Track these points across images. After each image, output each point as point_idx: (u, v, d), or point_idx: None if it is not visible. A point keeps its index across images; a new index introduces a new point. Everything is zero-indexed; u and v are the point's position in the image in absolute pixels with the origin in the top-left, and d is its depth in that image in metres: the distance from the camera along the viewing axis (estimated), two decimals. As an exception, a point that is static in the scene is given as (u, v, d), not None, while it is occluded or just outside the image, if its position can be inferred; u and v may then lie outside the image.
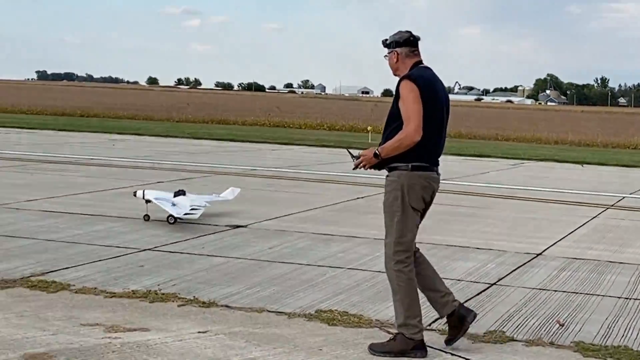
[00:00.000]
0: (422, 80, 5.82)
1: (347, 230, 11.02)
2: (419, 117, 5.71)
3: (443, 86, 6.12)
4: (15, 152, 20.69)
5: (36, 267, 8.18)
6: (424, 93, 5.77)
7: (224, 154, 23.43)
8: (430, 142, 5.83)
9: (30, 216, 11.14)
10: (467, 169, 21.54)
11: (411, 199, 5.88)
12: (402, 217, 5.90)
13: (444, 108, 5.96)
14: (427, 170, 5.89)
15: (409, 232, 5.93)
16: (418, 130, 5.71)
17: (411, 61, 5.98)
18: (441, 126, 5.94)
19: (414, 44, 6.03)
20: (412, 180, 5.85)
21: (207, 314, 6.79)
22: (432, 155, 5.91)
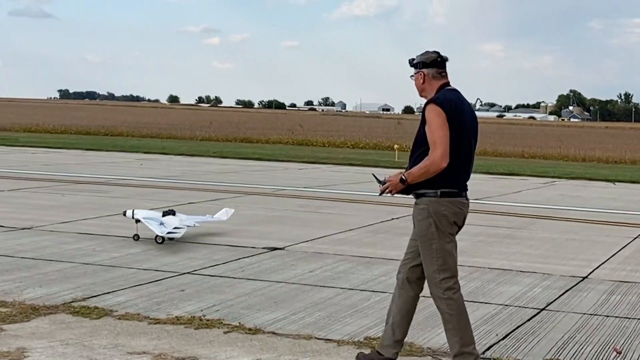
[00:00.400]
0: (449, 104, 5.68)
1: (386, 253, 10.85)
2: (446, 143, 5.60)
3: (471, 109, 5.98)
4: (44, 172, 20.68)
5: (76, 292, 8.07)
6: (451, 118, 5.64)
7: (252, 173, 23.33)
8: (459, 168, 5.71)
9: (66, 239, 11.06)
10: (498, 188, 21.32)
11: (443, 226, 5.78)
12: (440, 244, 5.79)
13: (471, 132, 5.83)
14: (456, 197, 5.77)
15: (449, 256, 5.82)
16: (444, 157, 5.59)
17: (438, 83, 5.84)
18: (469, 151, 5.82)
19: (442, 65, 5.89)
20: (442, 207, 5.74)
21: (255, 342, 6.64)
22: (460, 181, 5.79)
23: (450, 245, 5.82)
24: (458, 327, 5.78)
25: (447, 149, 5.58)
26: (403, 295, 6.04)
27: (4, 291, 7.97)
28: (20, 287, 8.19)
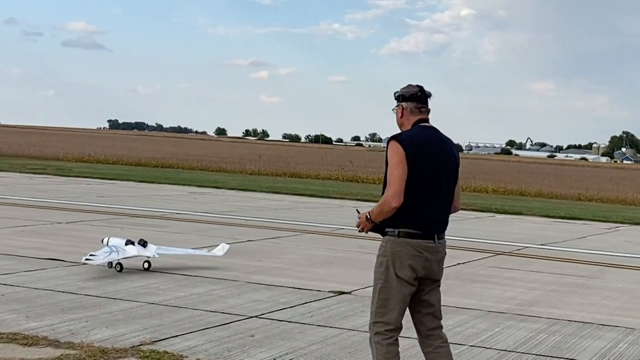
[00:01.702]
0: (410, 141, 5.47)
1: (457, 301, 10.44)
2: (399, 181, 5.40)
3: (446, 147, 5.68)
4: (100, 204, 20.61)
5: (144, 334, 7.80)
6: (412, 156, 5.43)
7: (306, 210, 23.05)
8: (421, 208, 5.46)
9: (128, 276, 10.83)
10: (561, 232, 20.79)
11: (396, 268, 5.49)
12: (384, 286, 5.53)
13: (440, 171, 5.55)
14: (418, 238, 5.49)
15: (391, 302, 5.52)
16: (395, 197, 5.40)
17: (415, 118, 5.65)
18: (437, 190, 5.54)
19: (422, 100, 5.68)
20: (399, 247, 5.49)
21: (335, 396, 6.29)
22: (425, 222, 5.50)
23: (396, 293, 5.51)
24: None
25: (399, 188, 5.39)
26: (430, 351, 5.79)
27: (71, 331, 7.73)
28: (86, 327, 7.95)
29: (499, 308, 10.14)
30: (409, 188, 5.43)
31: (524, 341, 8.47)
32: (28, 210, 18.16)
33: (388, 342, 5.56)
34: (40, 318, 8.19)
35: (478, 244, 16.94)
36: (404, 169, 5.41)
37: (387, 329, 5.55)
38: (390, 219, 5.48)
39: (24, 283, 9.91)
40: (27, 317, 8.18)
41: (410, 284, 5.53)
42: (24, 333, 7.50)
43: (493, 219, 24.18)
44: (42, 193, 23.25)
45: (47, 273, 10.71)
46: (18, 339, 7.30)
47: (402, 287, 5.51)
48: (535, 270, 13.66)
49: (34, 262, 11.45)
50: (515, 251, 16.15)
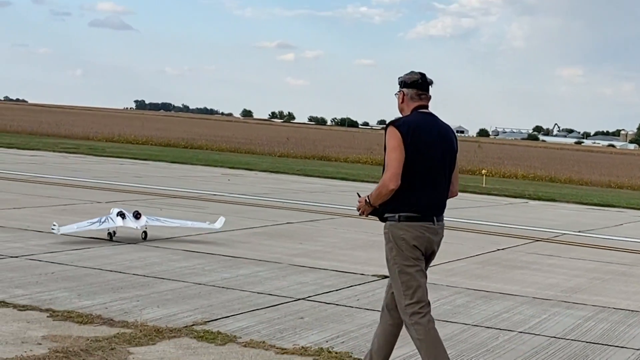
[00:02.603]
0: (407, 126, 5.60)
1: (501, 287, 10.45)
2: (396, 165, 5.50)
3: (443, 133, 5.79)
4: (136, 184, 20.74)
5: (195, 314, 7.87)
6: (407, 140, 5.55)
7: (341, 194, 23.08)
8: (419, 191, 5.59)
9: (173, 256, 10.92)
10: (597, 220, 20.70)
11: (404, 249, 5.64)
12: (402, 270, 5.67)
13: (436, 156, 5.66)
14: (418, 221, 5.62)
15: (414, 282, 5.67)
16: (392, 179, 5.50)
17: (414, 104, 5.77)
18: (434, 174, 5.65)
19: (422, 87, 5.80)
20: (401, 231, 5.62)
21: (390, 379, 6.32)
22: (423, 205, 5.63)
23: (413, 269, 5.66)
24: (429, 353, 5.63)
25: (396, 171, 5.50)
26: (382, 323, 5.99)
27: (124, 310, 7.81)
28: (138, 306, 8.03)
29: (543, 295, 10.13)
30: (406, 172, 5.55)
31: (572, 328, 8.47)
32: (67, 190, 18.32)
33: (427, 319, 5.68)
34: (92, 297, 8.28)
35: (515, 230, 16.91)
36: (401, 153, 5.52)
37: (420, 307, 5.68)
38: (389, 203, 5.60)
39: (72, 262, 10.02)
40: (78, 296, 8.28)
41: (421, 260, 5.70)
42: (78, 311, 7.59)
43: (527, 205, 24.09)
44: (79, 172, 23.43)
45: (93, 252, 10.82)
46: (73, 317, 7.39)
47: (416, 265, 5.67)
48: (576, 257, 13.62)
49: (79, 241, 11.56)
50: (553, 238, 16.11)
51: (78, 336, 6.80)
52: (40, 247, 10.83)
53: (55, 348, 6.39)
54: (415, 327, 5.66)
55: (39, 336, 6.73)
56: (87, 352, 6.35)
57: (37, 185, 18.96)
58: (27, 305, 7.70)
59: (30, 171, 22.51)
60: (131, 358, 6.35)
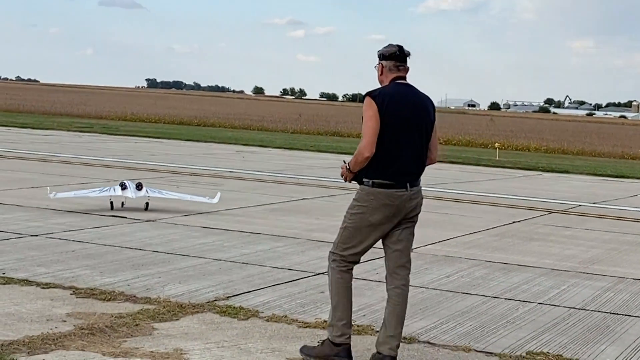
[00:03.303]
0: (382, 97, 5.78)
1: (519, 259, 10.48)
2: (371, 134, 5.70)
3: (419, 103, 5.93)
4: (151, 162, 20.82)
5: (217, 290, 7.94)
6: (384, 111, 5.73)
7: (355, 168, 23.04)
8: (392, 159, 5.77)
9: (192, 232, 10.99)
10: (611, 191, 20.68)
11: (368, 214, 5.83)
12: (353, 228, 5.93)
13: (412, 125, 5.83)
14: (390, 188, 5.79)
15: (355, 242, 5.94)
16: (367, 147, 5.70)
17: (392, 75, 5.94)
18: (409, 143, 5.81)
19: (400, 59, 5.97)
20: (372, 196, 5.82)
21: (412, 352, 6.39)
22: (397, 173, 5.79)
23: (361, 235, 5.90)
24: (334, 298, 5.96)
25: (371, 139, 5.69)
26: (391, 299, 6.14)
27: (146, 287, 7.88)
28: (160, 282, 8.10)
29: (561, 266, 10.16)
30: (382, 140, 5.73)
31: (591, 299, 8.50)
32: (82, 168, 18.41)
33: (343, 270, 5.97)
34: (114, 274, 8.35)
35: (530, 202, 16.92)
36: (377, 122, 5.72)
37: (343, 259, 5.99)
38: (366, 170, 5.79)
39: (92, 239, 10.09)
40: (100, 273, 8.35)
41: (380, 228, 5.88)
42: (101, 288, 7.67)
43: (541, 178, 24.08)
44: (93, 151, 23.53)
45: (113, 230, 10.89)
46: (96, 294, 7.46)
47: (370, 232, 5.88)
48: (592, 228, 13.64)
49: (98, 218, 11.64)
50: (568, 209, 16.11)
51: (102, 313, 6.87)
52: (60, 225, 10.90)
53: (80, 325, 6.47)
54: (331, 271, 6.02)
55: (64, 313, 6.80)
56: (112, 329, 6.42)
57: (52, 164, 19.06)
58: (50, 283, 7.78)
59: (45, 150, 22.62)
60: (156, 334, 6.41)
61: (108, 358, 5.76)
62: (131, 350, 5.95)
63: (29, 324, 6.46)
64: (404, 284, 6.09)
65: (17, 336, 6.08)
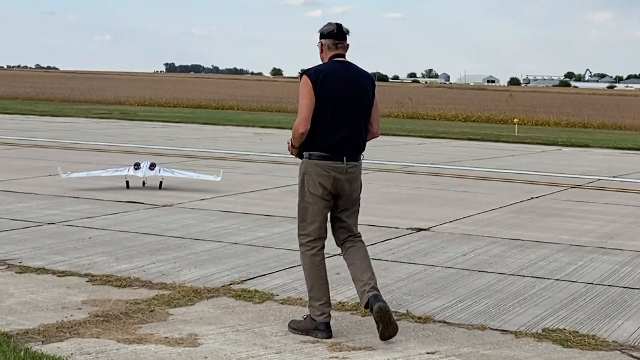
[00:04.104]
0: (317, 74, 6.04)
1: (536, 235, 10.42)
2: (305, 110, 5.99)
3: (354, 78, 6.14)
4: (169, 147, 20.86)
5: (232, 273, 7.95)
6: (318, 87, 5.99)
7: (373, 148, 22.83)
8: (328, 133, 6.02)
9: (208, 217, 11.00)
10: (631, 164, 20.51)
11: (309, 186, 6.10)
12: (302, 202, 6.18)
13: (347, 100, 6.05)
14: (326, 160, 6.05)
15: (309, 216, 6.15)
16: (302, 123, 6.00)
17: (331, 53, 6.17)
18: (344, 117, 6.04)
19: (338, 37, 6.18)
20: (309, 168, 6.10)
21: (428, 331, 6.37)
22: (332, 146, 6.04)
23: (311, 205, 6.12)
24: (308, 281, 6.16)
25: (305, 116, 5.99)
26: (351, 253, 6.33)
27: (161, 272, 7.90)
28: (175, 268, 8.12)
29: (579, 241, 10.10)
30: (317, 116, 6.01)
31: (609, 274, 8.44)
32: (101, 155, 18.46)
33: (311, 253, 6.15)
34: (130, 260, 8.38)
35: (549, 177, 16.82)
36: (311, 99, 5.98)
37: (308, 240, 6.14)
38: (305, 143, 6.07)
39: (109, 226, 10.13)
40: (116, 259, 8.38)
41: (324, 199, 6.11)
42: (117, 275, 7.69)
43: (560, 152, 23.93)
44: (112, 137, 23.61)
45: (129, 216, 10.92)
46: (112, 281, 7.49)
47: (316, 202, 6.11)
48: (611, 202, 13.54)
49: (115, 205, 11.68)
50: (587, 184, 16.01)
51: (117, 299, 6.90)
52: (77, 212, 10.95)
53: (96, 312, 6.49)
54: (302, 256, 6.21)
55: (79, 301, 6.83)
56: (126, 315, 6.44)
57: (71, 151, 19.14)
58: (66, 270, 7.81)
59: (64, 138, 22.71)
60: (170, 319, 6.43)
61: (122, 344, 5.78)
62: (146, 337, 5.97)
63: (45, 312, 6.49)
64: (355, 242, 6.31)
65: (33, 325, 6.11)
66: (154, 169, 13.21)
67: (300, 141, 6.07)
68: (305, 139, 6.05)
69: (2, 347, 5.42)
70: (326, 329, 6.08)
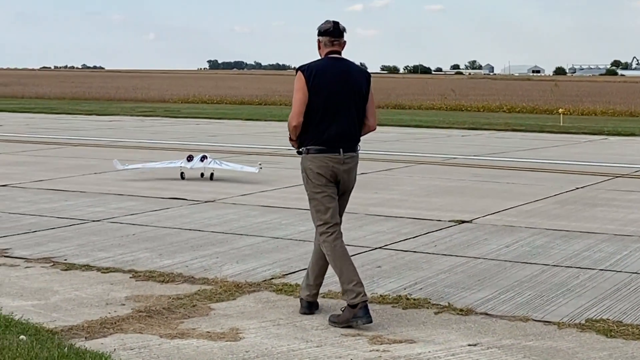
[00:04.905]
0: (310, 70, 6.30)
1: (581, 225, 10.32)
2: (298, 105, 6.26)
3: (348, 73, 6.36)
4: (212, 143, 20.98)
5: (273, 268, 7.98)
6: (311, 83, 6.25)
7: (415, 141, 22.97)
8: (323, 127, 6.26)
9: (250, 212, 11.05)
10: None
11: (312, 178, 6.35)
12: (312, 195, 6.40)
13: (340, 96, 6.28)
14: (323, 153, 6.29)
15: (322, 205, 6.36)
16: (294, 117, 6.28)
17: (327, 50, 6.42)
18: (337, 112, 6.28)
19: (334, 34, 6.41)
20: (308, 161, 6.35)
21: (469, 323, 6.33)
22: (327, 139, 6.28)
23: (319, 195, 6.35)
24: (337, 266, 6.28)
25: (298, 110, 6.26)
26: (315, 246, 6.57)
27: (204, 267, 7.96)
28: (217, 263, 8.17)
29: (624, 231, 9.97)
30: (311, 110, 6.26)
31: (655, 264, 8.33)
32: (145, 152, 18.62)
33: (332, 238, 6.32)
34: (173, 255, 8.45)
35: (594, 167, 16.63)
36: (304, 95, 6.24)
37: (327, 226, 6.33)
38: (302, 138, 6.34)
39: (152, 222, 10.22)
40: (160, 255, 8.46)
41: (328, 186, 6.36)
42: (160, 271, 7.76)
43: (606, 142, 23.63)
44: (156, 135, 23.82)
45: (172, 212, 11.01)
46: (155, 277, 7.56)
47: (323, 191, 6.34)
48: (659, 191, 13.35)
49: (158, 201, 11.78)
50: (633, 173, 15.80)
51: (160, 295, 6.96)
52: (121, 210, 11.07)
53: (139, 308, 6.56)
54: (324, 245, 6.33)
55: (123, 297, 6.91)
56: (169, 310, 6.50)
57: (116, 149, 19.33)
58: (110, 267, 7.91)
59: (109, 136, 22.95)
60: (212, 314, 6.48)
61: (165, 339, 5.83)
62: (188, 331, 6.02)
63: (89, 308, 6.57)
64: None
65: (77, 321, 6.20)
66: (204, 161, 13.90)
67: (295, 133, 6.34)
68: (302, 133, 6.31)
69: (46, 344, 5.50)
70: (365, 315, 6.10)
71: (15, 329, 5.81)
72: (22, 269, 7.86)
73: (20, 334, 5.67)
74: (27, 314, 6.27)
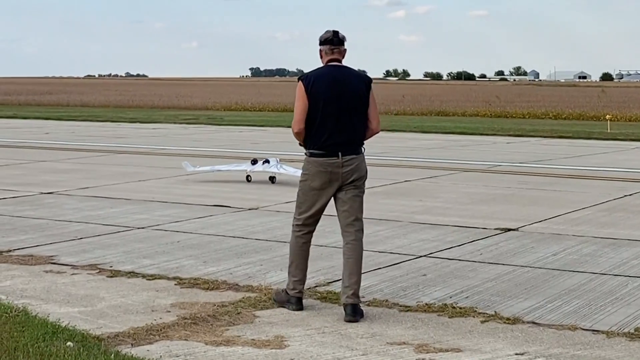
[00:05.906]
0: (309, 79, 6.60)
1: (630, 233, 10.16)
2: (298, 112, 6.59)
3: (346, 80, 6.62)
4: (254, 150, 21.01)
5: (318, 276, 7.95)
6: (311, 91, 6.55)
7: (460, 148, 22.82)
8: (322, 132, 6.56)
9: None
10: None
11: (310, 180, 6.68)
12: (301, 194, 6.78)
13: (338, 102, 6.54)
14: (323, 157, 6.60)
15: (304, 206, 6.76)
16: (295, 125, 6.63)
17: (328, 58, 6.70)
18: (337, 117, 6.54)
19: (334, 43, 6.69)
20: (309, 165, 6.70)
21: (517, 332, 6.25)
22: (326, 144, 6.57)
23: (310, 200, 6.72)
24: (290, 257, 6.85)
25: (298, 118, 6.59)
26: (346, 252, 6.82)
27: (248, 275, 7.96)
28: (261, 270, 8.17)
29: (674, 240, 9.80)
30: (312, 117, 6.57)
31: None
32: (188, 160, 18.67)
33: (297, 235, 6.80)
34: (217, 263, 8.47)
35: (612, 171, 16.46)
36: (304, 102, 6.57)
37: (298, 224, 6.79)
38: (305, 142, 6.67)
39: (196, 230, 10.26)
40: (204, 262, 8.47)
41: (324, 194, 6.70)
42: (204, 278, 7.78)
43: (654, 149, 23.27)
44: (199, 142, 23.95)
45: (216, 219, 11.04)
46: (199, 284, 7.57)
47: (315, 196, 6.70)
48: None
49: (202, 209, 11.82)
50: (683, 181, 15.54)
51: (205, 302, 6.97)
52: (165, 217, 11.12)
53: (184, 315, 6.57)
54: (292, 235, 6.85)
55: (168, 304, 6.93)
56: (214, 318, 6.51)
57: (159, 157, 19.47)
58: (155, 274, 7.94)
59: (153, 144, 23.11)
60: (257, 321, 6.47)
61: (210, 347, 5.84)
62: (233, 339, 6.01)
63: (134, 315, 6.60)
64: (354, 239, 6.73)
65: (123, 328, 6.22)
66: (265, 164, 14.50)
67: (299, 139, 6.70)
68: (306, 137, 6.63)
69: (93, 350, 5.52)
70: (297, 303, 6.71)
71: (62, 335, 5.85)
72: (68, 275, 7.93)
73: (67, 341, 5.70)
74: (73, 321, 6.31)
